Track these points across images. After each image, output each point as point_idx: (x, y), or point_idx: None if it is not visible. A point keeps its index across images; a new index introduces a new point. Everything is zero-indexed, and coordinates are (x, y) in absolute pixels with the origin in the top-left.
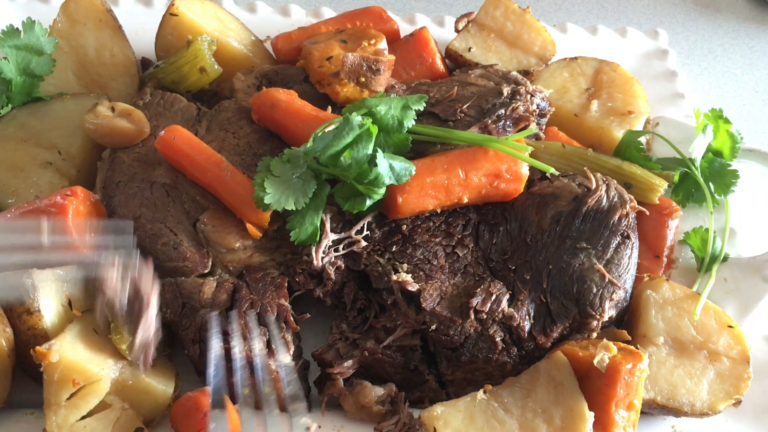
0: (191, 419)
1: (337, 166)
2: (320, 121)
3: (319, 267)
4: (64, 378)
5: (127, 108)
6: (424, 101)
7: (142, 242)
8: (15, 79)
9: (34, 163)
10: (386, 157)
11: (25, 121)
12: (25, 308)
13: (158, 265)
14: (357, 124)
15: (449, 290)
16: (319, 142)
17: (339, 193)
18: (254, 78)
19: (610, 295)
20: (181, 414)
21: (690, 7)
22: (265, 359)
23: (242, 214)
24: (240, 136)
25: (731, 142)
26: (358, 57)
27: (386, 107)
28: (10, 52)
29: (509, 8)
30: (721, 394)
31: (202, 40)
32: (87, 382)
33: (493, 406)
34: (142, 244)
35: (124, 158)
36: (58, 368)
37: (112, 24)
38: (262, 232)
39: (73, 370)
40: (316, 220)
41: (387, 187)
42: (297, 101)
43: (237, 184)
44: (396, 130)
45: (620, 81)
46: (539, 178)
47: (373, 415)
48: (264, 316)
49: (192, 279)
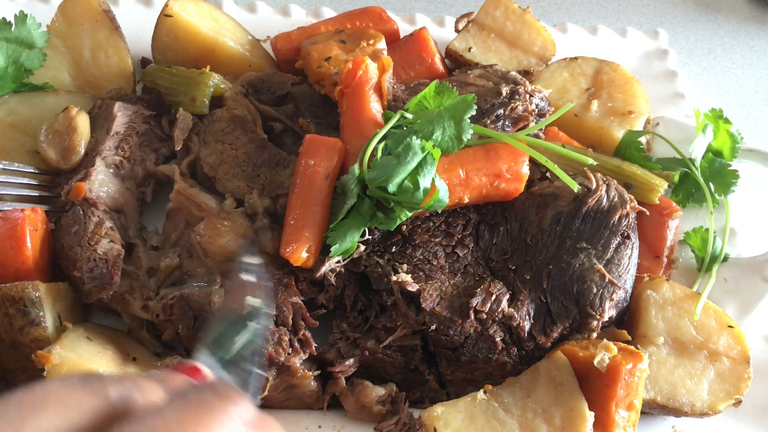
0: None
1: (399, 193)
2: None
3: (320, 277)
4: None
5: (74, 129)
6: (473, 102)
7: (67, 271)
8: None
9: (20, 149)
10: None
11: (15, 107)
12: (28, 320)
13: (80, 291)
14: (419, 148)
15: (449, 290)
16: (380, 170)
17: (371, 211)
18: (240, 86)
19: (610, 295)
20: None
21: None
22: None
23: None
24: (237, 147)
25: (731, 142)
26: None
27: (440, 131)
28: (0, 44)
29: (509, 8)
30: (722, 394)
31: (213, 76)
32: None
33: (493, 406)
34: (68, 273)
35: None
36: (60, 372)
37: (109, 25)
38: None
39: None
40: (357, 236)
41: None
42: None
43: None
44: (456, 148)
45: (620, 81)
46: (539, 178)
47: (373, 415)
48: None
49: (199, 290)
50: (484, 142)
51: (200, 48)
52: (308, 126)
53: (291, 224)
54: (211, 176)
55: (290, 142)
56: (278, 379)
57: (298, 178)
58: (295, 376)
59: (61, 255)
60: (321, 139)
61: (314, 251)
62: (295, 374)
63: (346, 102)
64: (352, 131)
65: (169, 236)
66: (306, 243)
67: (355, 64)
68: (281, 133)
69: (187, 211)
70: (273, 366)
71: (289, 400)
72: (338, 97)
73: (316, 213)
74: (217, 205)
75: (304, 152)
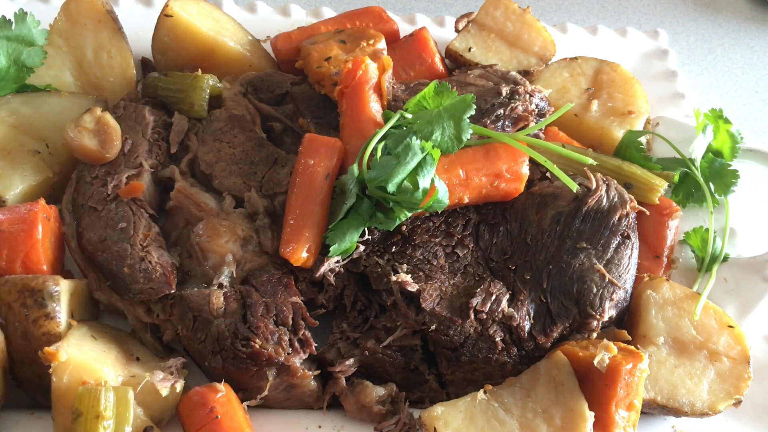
0: (197, 414)
1: (398, 193)
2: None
3: (319, 277)
4: (74, 380)
5: (107, 124)
6: (472, 102)
7: (109, 265)
8: (4, 67)
9: (21, 149)
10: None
11: (18, 107)
12: (44, 312)
13: (125, 287)
14: (418, 149)
15: (449, 290)
16: (380, 170)
17: (370, 211)
18: (239, 85)
19: (610, 295)
20: (188, 408)
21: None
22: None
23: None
24: (235, 145)
25: (731, 142)
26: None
27: (440, 131)
28: (1, 42)
29: (509, 8)
30: (722, 394)
31: (206, 79)
32: (97, 383)
33: (493, 406)
34: (108, 266)
35: (86, 176)
36: (67, 369)
37: (112, 25)
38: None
39: (83, 371)
40: (356, 236)
41: None
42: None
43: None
44: (456, 148)
45: (620, 81)
46: (539, 178)
47: (373, 415)
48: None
49: (198, 291)
50: (484, 142)
51: (200, 48)
52: (308, 126)
53: (290, 224)
54: (207, 173)
55: (290, 142)
56: (278, 378)
57: (298, 177)
58: (295, 375)
59: (97, 247)
60: (320, 138)
61: (314, 251)
62: (295, 374)
63: (346, 102)
64: (351, 131)
65: (168, 235)
66: (306, 243)
67: (355, 64)
68: (281, 133)
69: (186, 210)
70: (273, 366)
71: (289, 399)
72: (338, 97)
73: (316, 213)
74: (216, 205)
75: (303, 152)
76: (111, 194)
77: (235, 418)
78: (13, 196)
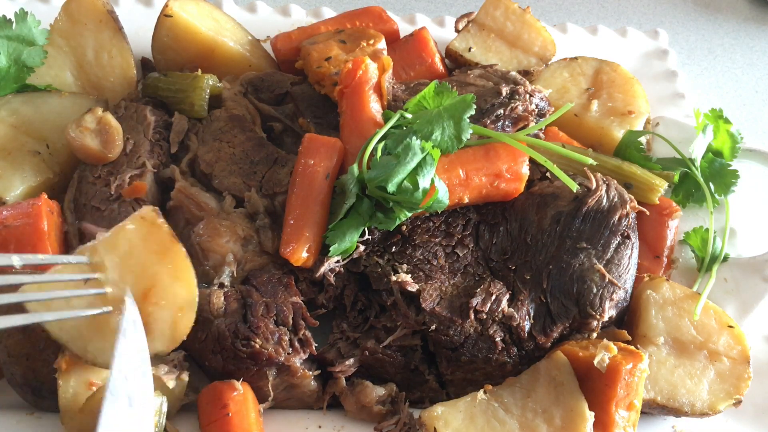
0: (211, 408)
1: (398, 193)
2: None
3: (319, 277)
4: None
5: (108, 124)
6: (472, 102)
7: None
8: (4, 67)
9: (21, 149)
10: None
11: (18, 107)
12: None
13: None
14: (418, 149)
15: (449, 290)
16: (380, 170)
17: (370, 211)
18: (240, 85)
19: (610, 295)
20: (205, 401)
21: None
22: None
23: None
24: (235, 145)
25: (731, 142)
26: None
27: (440, 131)
28: (1, 42)
29: (509, 8)
30: (722, 394)
31: (206, 79)
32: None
33: (493, 406)
34: None
35: (89, 176)
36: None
37: (113, 26)
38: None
39: (89, 371)
40: (356, 236)
41: None
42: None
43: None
44: (456, 148)
45: (620, 81)
46: (539, 178)
47: (373, 415)
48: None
49: (198, 290)
50: (483, 142)
51: (200, 48)
52: (308, 126)
53: (291, 224)
54: (207, 173)
55: (290, 142)
56: (278, 378)
57: (298, 177)
58: (295, 375)
59: None
60: (320, 138)
61: (314, 251)
62: (295, 374)
63: (346, 102)
64: (351, 131)
65: None
66: (306, 243)
67: (355, 64)
68: (281, 133)
69: (187, 210)
70: (273, 366)
71: (289, 399)
72: (338, 97)
73: (316, 213)
74: (217, 205)
75: (303, 152)
76: (114, 194)
77: (246, 418)
78: (14, 197)
